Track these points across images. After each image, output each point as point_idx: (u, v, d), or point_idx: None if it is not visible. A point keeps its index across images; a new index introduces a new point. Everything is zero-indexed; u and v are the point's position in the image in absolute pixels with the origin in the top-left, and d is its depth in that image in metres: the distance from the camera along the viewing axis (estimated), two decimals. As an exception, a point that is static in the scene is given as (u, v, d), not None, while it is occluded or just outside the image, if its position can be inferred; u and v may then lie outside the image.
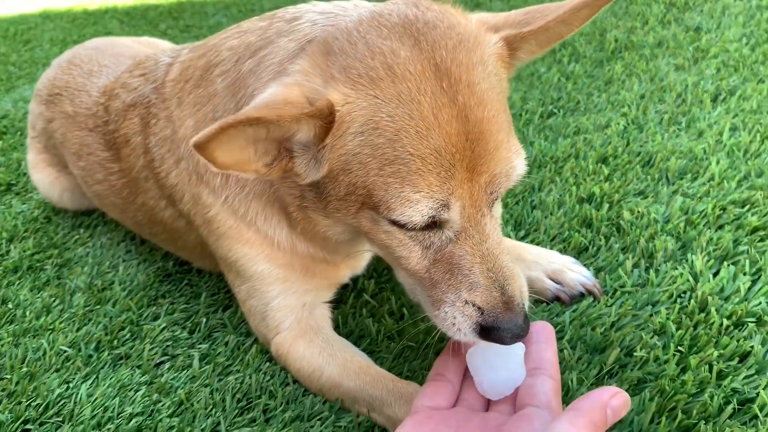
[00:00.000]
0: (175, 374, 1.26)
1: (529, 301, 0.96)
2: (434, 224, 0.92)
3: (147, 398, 1.21)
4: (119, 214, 1.65)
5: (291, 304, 1.24)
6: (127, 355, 1.34)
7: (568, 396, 1.07)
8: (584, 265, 1.34)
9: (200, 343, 1.33)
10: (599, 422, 0.77)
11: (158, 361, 1.31)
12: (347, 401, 1.13)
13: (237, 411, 1.16)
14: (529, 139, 1.86)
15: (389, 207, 0.89)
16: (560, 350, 1.15)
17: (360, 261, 1.31)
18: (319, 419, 1.12)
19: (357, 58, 0.89)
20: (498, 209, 0.99)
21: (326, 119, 0.88)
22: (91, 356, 1.34)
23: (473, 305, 0.91)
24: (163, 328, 1.39)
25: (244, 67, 1.12)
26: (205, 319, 1.39)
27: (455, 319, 0.93)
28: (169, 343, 1.35)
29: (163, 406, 1.18)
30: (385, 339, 1.26)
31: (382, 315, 1.31)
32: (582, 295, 1.28)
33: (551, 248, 1.41)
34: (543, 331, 0.97)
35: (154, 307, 1.46)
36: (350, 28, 0.94)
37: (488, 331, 0.91)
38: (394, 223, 0.92)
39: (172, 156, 1.26)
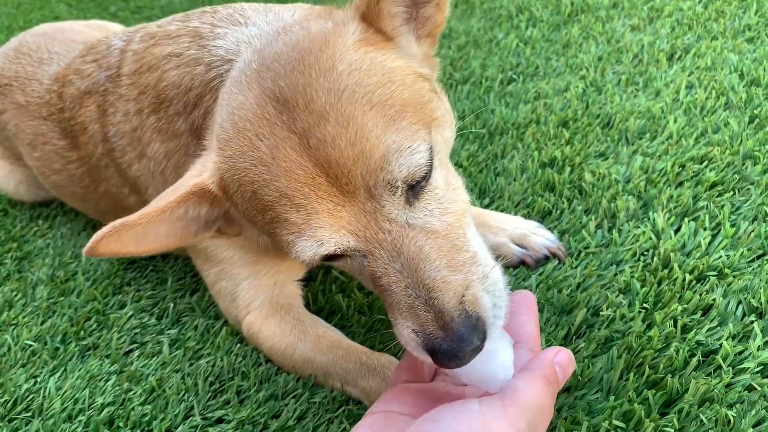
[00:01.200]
0: (145, 361, 1.24)
1: (479, 305, 0.81)
2: (337, 256, 0.85)
3: (118, 387, 1.19)
4: (80, 203, 1.61)
5: (262, 284, 1.23)
6: (95, 345, 1.32)
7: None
8: (548, 228, 1.35)
9: (169, 329, 1.32)
10: (551, 378, 0.80)
11: (127, 350, 1.29)
12: (321, 377, 1.13)
13: (210, 394, 1.15)
14: (490, 107, 1.86)
15: (288, 250, 0.86)
16: (529, 314, 1.16)
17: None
18: (293, 396, 1.12)
19: (220, 123, 0.92)
20: (426, 203, 0.85)
21: (207, 193, 0.94)
22: (57, 349, 1.32)
23: (407, 327, 0.81)
24: (131, 316, 1.37)
25: (194, 115, 1.12)
26: (172, 305, 1.37)
27: (407, 343, 0.83)
28: (137, 330, 1.33)
29: (134, 394, 1.17)
30: (356, 313, 1.26)
31: (351, 290, 1.31)
32: (547, 259, 1.29)
33: (516, 214, 1.42)
34: (524, 300, 0.93)
35: (120, 296, 1.44)
36: (227, 86, 0.96)
37: (434, 353, 0.79)
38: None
39: (134, 150, 1.24)
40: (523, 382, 0.78)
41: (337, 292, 1.31)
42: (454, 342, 0.76)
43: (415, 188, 0.83)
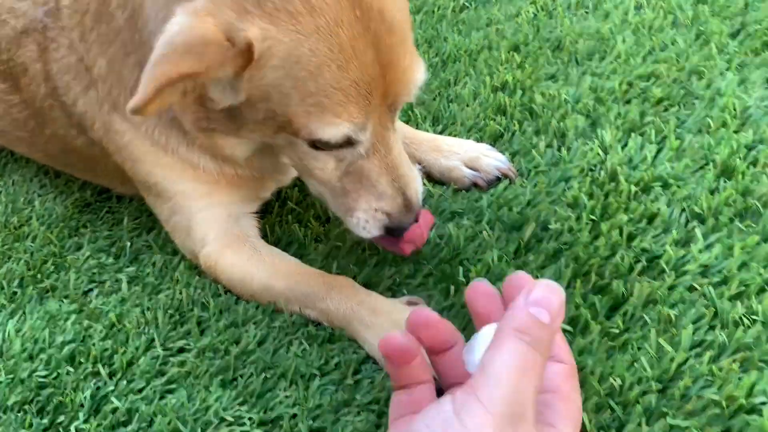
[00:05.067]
0: (104, 299, 1.25)
1: (423, 193, 1.10)
2: (348, 143, 0.97)
3: (78, 325, 1.20)
4: (28, 148, 1.58)
5: (216, 216, 1.23)
6: (53, 287, 1.31)
7: (488, 273, 1.12)
8: (500, 150, 1.36)
9: (127, 267, 1.32)
10: (527, 328, 0.62)
11: (86, 289, 1.29)
12: (280, 302, 1.14)
13: (170, 326, 1.16)
14: (443, 35, 1.85)
15: (309, 132, 0.94)
16: (479, 232, 1.19)
17: (287, 175, 1.30)
18: (253, 323, 1.14)
19: None
20: (396, 120, 1.06)
21: (245, 56, 0.88)
22: (15, 293, 1.31)
23: (382, 211, 1.03)
24: (88, 257, 1.36)
25: None
26: (129, 243, 1.37)
27: (367, 222, 1.05)
28: (95, 270, 1.33)
29: (94, 331, 1.18)
30: (313, 242, 1.27)
31: (308, 220, 1.32)
32: (498, 180, 1.31)
33: (468, 138, 1.43)
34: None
35: (77, 238, 1.43)
36: None
37: (392, 231, 1.05)
38: (312, 143, 0.97)
39: (79, 84, 1.21)
40: (491, 350, 0.63)
41: (294, 222, 1.32)
42: (412, 219, 1.05)
43: None
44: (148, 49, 0.99)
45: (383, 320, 1.04)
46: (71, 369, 1.12)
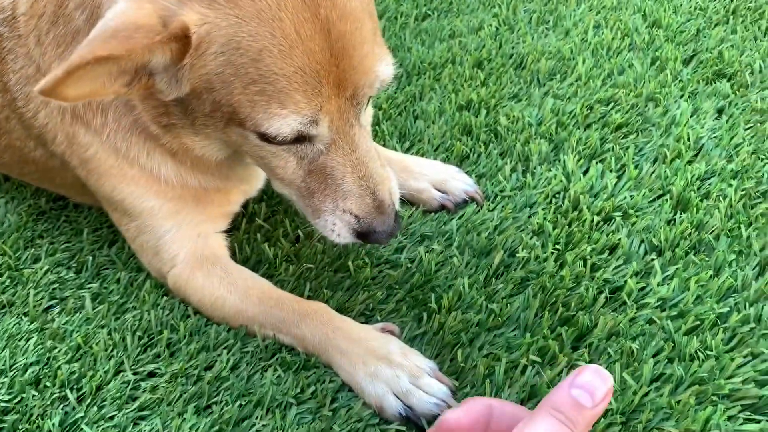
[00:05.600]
0: (68, 318, 1.22)
1: (399, 200, 1.07)
2: (304, 138, 0.95)
3: (41, 346, 1.17)
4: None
5: (185, 236, 1.22)
6: (10, 302, 1.27)
7: (460, 300, 1.15)
8: (466, 172, 1.40)
9: (90, 283, 1.29)
10: (566, 411, 0.61)
11: (46, 306, 1.26)
12: (252, 327, 1.15)
13: (140, 348, 1.15)
14: (406, 45, 1.86)
15: (256, 123, 0.91)
16: (450, 257, 1.22)
17: (252, 185, 1.29)
18: (225, 347, 1.14)
19: None
20: (367, 116, 1.04)
21: (182, 42, 0.86)
22: (-31, 308, 1.27)
23: (350, 213, 1.00)
24: (47, 271, 1.32)
25: None
26: (91, 258, 1.33)
27: (335, 225, 1.02)
28: (55, 285, 1.29)
29: (59, 352, 1.15)
30: (284, 262, 1.27)
31: (277, 238, 1.32)
32: (466, 202, 1.34)
33: (435, 157, 1.45)
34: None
35: (33, 249, 1.38)
36: None
37: (365, 235, 1.02)
38: (263, 137, 0.94)
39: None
40: (524, 423, 0.61)
41: (263, 241, 1.32)
42: (390, 224, 1.01)
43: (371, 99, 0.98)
44: None
45: (358, 347, 1.06)
46: (36, 393, 1.09)
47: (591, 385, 0.61)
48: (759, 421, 0.95)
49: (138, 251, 1.25)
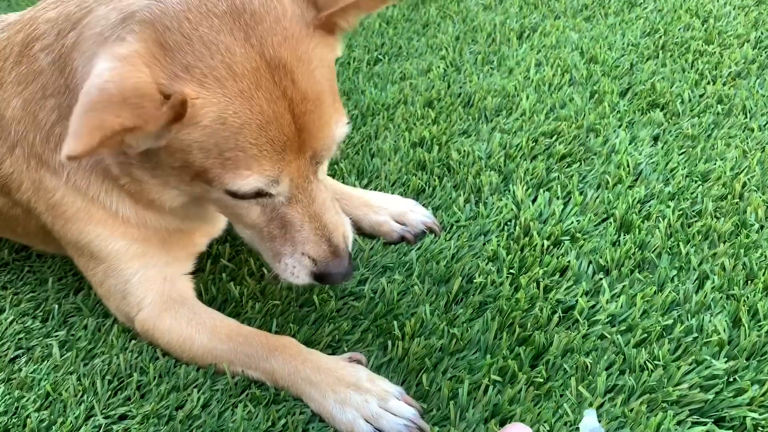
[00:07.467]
0: (35, 366, 1.23)
1: (353, 239, 1.17)
2: (266, 194, 1.03)
3: (8, 396, 1.17)
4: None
5: (151, 279, 1.24)
6: (-24, 355, 1.27)
7: (422, 326, 1.20)
8: (423, 204, 1.46)
9: (56, 331, 1.30)
10: None
11: (13, 356, 1.26)
12: (221, 365, 1.17)
13: (110, 392, 1.16)
14: (360, 88, 1.93)
15: (223, 182, 1.00)
16: (411, 286, 1.28)
17: (215, 226, 1.33)
18: (195, 386, 1.16)
19: (197, 57, 0.93)
20: (323, 169, 1.13)
21: (177, 112, 0.92)
22: (-68, 363, 1.26)
23: (308, 257, 1.08)
24: (12, 321, 1.33)
25: (66, 40, 1.09)
26: (57, 306, 1.35)
27: (294, 268, 1.10)
28: (21, 335, 1.30)
29: (27, 401, 1.16)
30: (250, 300, 1.31)
31: (242, 277, 1.35)
32: (424, 233, 1.40)
33: (393, 192, 1.51)
34: None
35: (-3, 301, 1.39)
36: (180, 17, 0.95)
37: (322, 277, 1.10)
38: (227, 192, 1.02)
39: (3, 143, 1.19)
40: None
41: (228, 280, 1.35)
42: (344, 267, 1.10)
43: None
44: (74, 96, 1.03)
45: (328, 377, 1.10)
46: (5, 444, 1.10)
47: None
48: (705, 424, 1.01)
49: (105, 296, 1.27)
